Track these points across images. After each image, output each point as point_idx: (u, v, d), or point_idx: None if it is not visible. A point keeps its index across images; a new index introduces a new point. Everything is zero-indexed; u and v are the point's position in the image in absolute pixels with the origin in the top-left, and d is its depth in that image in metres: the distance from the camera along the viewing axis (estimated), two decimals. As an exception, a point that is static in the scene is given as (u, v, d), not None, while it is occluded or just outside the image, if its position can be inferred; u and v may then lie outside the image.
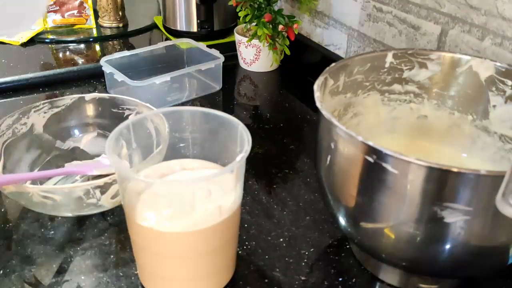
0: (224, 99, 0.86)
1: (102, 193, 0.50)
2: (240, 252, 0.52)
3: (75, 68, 0.91)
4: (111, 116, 0.65)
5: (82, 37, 1.07)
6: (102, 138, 0.66)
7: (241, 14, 0.86)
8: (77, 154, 0.65)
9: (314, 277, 0.50)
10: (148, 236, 0.44)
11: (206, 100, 0.85)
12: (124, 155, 0.65)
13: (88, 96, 0.65)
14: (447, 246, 0.40)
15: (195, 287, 0.48)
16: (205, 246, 0.44)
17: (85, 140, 0.66)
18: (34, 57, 0.98)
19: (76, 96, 0.65)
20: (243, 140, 0.45)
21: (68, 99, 0.64)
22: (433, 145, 0.58)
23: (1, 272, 0.50)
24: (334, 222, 0.51)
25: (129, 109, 0.64)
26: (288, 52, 0.90)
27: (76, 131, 0.65)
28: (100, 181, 0.49)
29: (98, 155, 0.64)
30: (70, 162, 0.63)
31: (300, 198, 0.61)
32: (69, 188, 0.50)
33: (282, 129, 0.77)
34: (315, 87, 0.46)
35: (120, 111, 0.65)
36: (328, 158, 0.44)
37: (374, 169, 0.39)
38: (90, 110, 0.66)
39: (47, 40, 1.05)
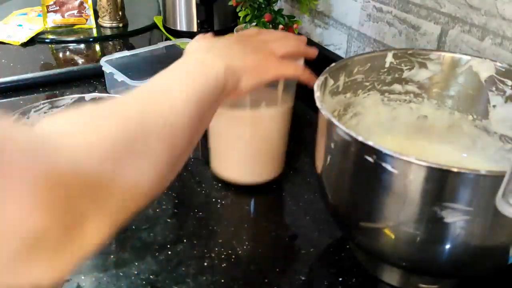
0: (224, 99, 0.86)
1: None
2: (240, 252, 0.52)
3: (75, 68, 0.91)
4: None
5: (82, 37, 1.07)
6: None
7: (241, 14, 0.86)
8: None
9: (314, 277, 0.50)
10: (226, 120, 0.58)
11: (206, 100, 0.84)
12: None
13: (88, 96, 0.65)
14: (447, 246, 0.40)
15: (257, 168, 0.61)
16: (267, 131, 0.59)
17: None
18: (34, 57, 0.98)
19: (76, 96, 0.64)
20: None
21: (68, 99, 0.64)
22: (433, 145, 0.58)
23: (1, 272, 0.50)
24: (334, 222, 0.51)
25: None
26: (288, 52, 0.90)
27: None
28: None
29: None
30: None
31: (300, 198, 0.61)
32: None
33: (282, 129, 0.77)
34: (315, 87, 0.46)
35: None
36: (328, 158, 0.44)
37: (374, 169, 0.39)
38: None
39: (47, 40, 1.05)
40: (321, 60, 0.96)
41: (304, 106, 0.84)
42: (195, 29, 1.03)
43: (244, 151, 0.60)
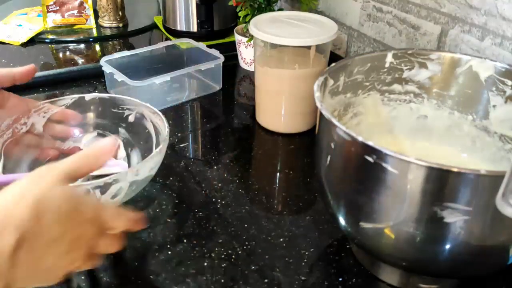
0: (224, 99, 0.86)
1: (102, 193, 0.50)
2: (240, 252, 0.52)
3: (75, 68, 0.91)
4: (111, 116, 0.65)
5: (82, 37, 1.07)
6: (102, 138, 0.66)
7: (241, 14, 0.86)
8: (77, 154, 0.65)
9: (314, 277, 0.50)
10: (268, 77, 0.72)
11: (206, 100, 0.85)
12: (121, 156, 0.64)
13: (88, 96, 0.65)
14: (447, 246, 0.40)
15: (293, 121, 0.74)
16: (301, 89, 0.70)
17: (85, 140, 0.65)
18: (34, 57, 0.98)
19: (76, 96, 0.64)
20: None
21: (68, 99, 0.64)
22: (433, 145, 0.58)
23: (1, 272, 0.50)
24: (334, 222, 0.51)
25: (129, 109, 0.64)
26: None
27: (76, 131, 0.65)
28: (100, 181, 0.49)
29: None
30: None
31: (300, 198, 0.61)
32: None
33: (282, 129, 0.77)
34: (315, 87, 0.46)
35: (120, 111, 0.65)
36: (328, 158, 0.44)
37: (374, 169, 0.39)
38: (90, 110, 0.65)
39: (47, 40, 1.05)
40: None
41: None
42: (195, 29, 1.03)
43: (282, 105, 0.72)
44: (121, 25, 1.13)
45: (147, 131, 0.62)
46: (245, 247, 0.53)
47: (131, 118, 0.64)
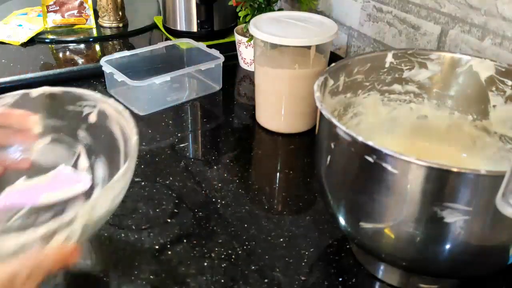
0: (224, 99, 0.86)
1: (46, 243, 0.35)
2: (240, 252, 0.52)
3: (75, 68, 0.91)
4: (67, 116, 0.52)
5: (82, 37, 1.07)
6: (57, 143, 0.53)
7: (241, 14, 0.86)
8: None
9: (314, 277, 0.50)
10: (268, 77, 0.72)
11: (206, 100, 0.85)
12: (83, 167, 0.53)
13: (35, 92, 0.51)
14: (447, 246, 0.40)
15: (293, 121, 0.74)
16: (301, 89, 0.70)
17: (36, 148, 0.51)
18: (34, 57, 0.98)
19: (19, 92, 0.51)
20: None
21: (9, 97, 0.51)
22: (433, 145, 0.58)
23: (1, 272, 0.49)
24: (334, 222, 0.51)
25: (88, 105, 0.51)
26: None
27: (23, 138, 0.49)
28: (40, 231, 0.34)
29: (54, 167, 0.52)
30: (5, 189, 0.48)
31: (300, 198, 0.61)
32: None
33: (282, 129, 0.77)
34: (315, 87, 0.46)
35: (78, 109, 0.52)
36: (328, 158, 0.44)
37: (374, 169, 0.39)
38: (39, 109, 0.51)
39: (47, 40, 1.05)
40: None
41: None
42: (195, 29, 1.03)
43: (282, 106, 0.73)
44: (121, 25, 1.13)
45: (113, 134, 0.49)
46: (245, 247, 0.53)
47: (92, 118, 0.51)
